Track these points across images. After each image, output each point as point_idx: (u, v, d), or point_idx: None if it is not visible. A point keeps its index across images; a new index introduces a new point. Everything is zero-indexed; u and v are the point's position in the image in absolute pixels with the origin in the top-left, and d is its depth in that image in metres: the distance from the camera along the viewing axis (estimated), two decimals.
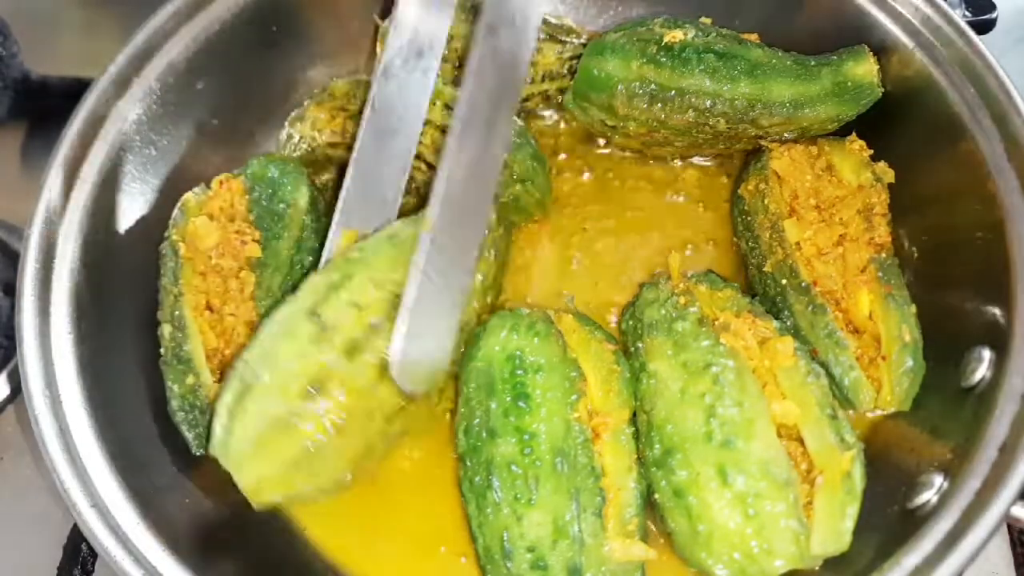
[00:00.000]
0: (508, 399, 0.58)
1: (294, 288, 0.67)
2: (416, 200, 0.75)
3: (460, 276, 0.59)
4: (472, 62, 0.55)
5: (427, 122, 0.69)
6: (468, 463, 0.60)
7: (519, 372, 0.59)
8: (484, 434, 0.59)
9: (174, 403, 0.64)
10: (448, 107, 0.70)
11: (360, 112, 0.72)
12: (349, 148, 0.74)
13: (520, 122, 0.72)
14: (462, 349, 0.64)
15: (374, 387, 0.56)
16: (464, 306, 0.60)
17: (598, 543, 0.56)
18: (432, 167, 0.70)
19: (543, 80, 0.77)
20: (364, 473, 0.61)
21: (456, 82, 0.71)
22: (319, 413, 0.54)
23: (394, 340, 0.55)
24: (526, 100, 0.79)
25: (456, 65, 0.73)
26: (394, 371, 0.55)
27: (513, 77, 0.59)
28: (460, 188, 0.56)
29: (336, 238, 0.65)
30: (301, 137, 0.76)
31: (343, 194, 0.65)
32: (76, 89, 0.65)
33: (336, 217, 0.65)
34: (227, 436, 0.55)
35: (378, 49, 0.79)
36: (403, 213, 0.68)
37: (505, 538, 0.56)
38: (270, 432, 0.54)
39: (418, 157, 0.71)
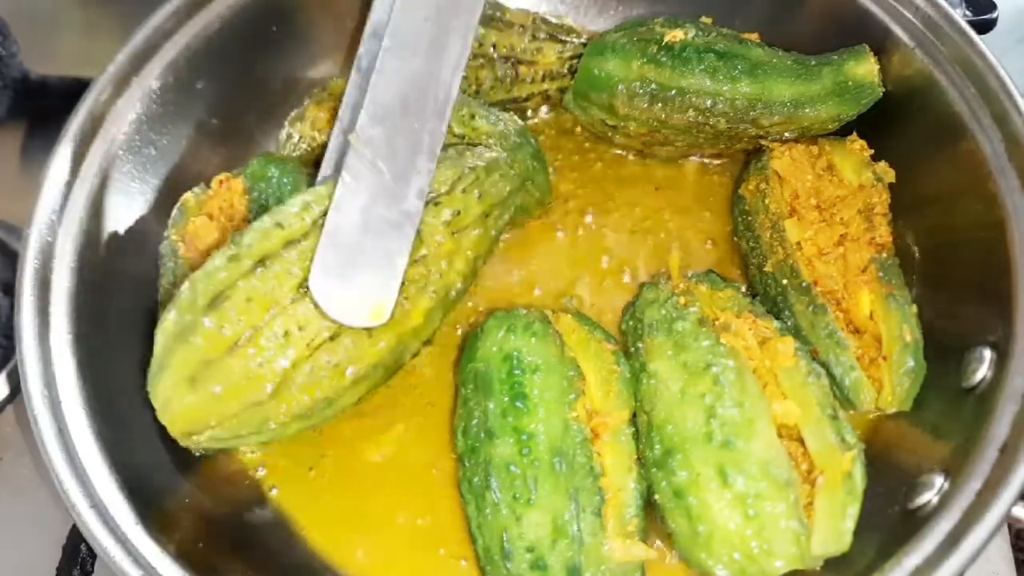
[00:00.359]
0: (506, 399, 0.58)
1: None
2: None
3: (397, 197, 0.56)
4: None
5: None
6: (467, 464, 0.60)
7: (516, 372, 0.59)
8: (482, 435, 0.59)
9: None
10: None
11: None
12: None
13: (520, 122, 0.72)
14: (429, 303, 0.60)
15: (287, 306, 0.54)
16: (411, 239, 0.56)
17: (597, 542, 0.56)
18: None
19: (543, 80, 0.77)
20: (319, 423, 0.58)
21: None
22: (219, 328, 0.53)
23: (315, 260, 0.53)
24: (526, 100, 0.79)
25: None
26: (314, 291, 0.53)
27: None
28: (394, 104, 0.55)
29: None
30: (301, 137, 0.76)
31: (326, 160, 0.63)
32: (75, 89, 0.65)
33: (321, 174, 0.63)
34: (153, 367, 0.54)
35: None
36: None
37: (504, 538, 0.56)
38: (171, 345, 0.53)
39: None
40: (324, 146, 0.74)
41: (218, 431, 0.55)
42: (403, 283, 0.57)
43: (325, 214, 0.55)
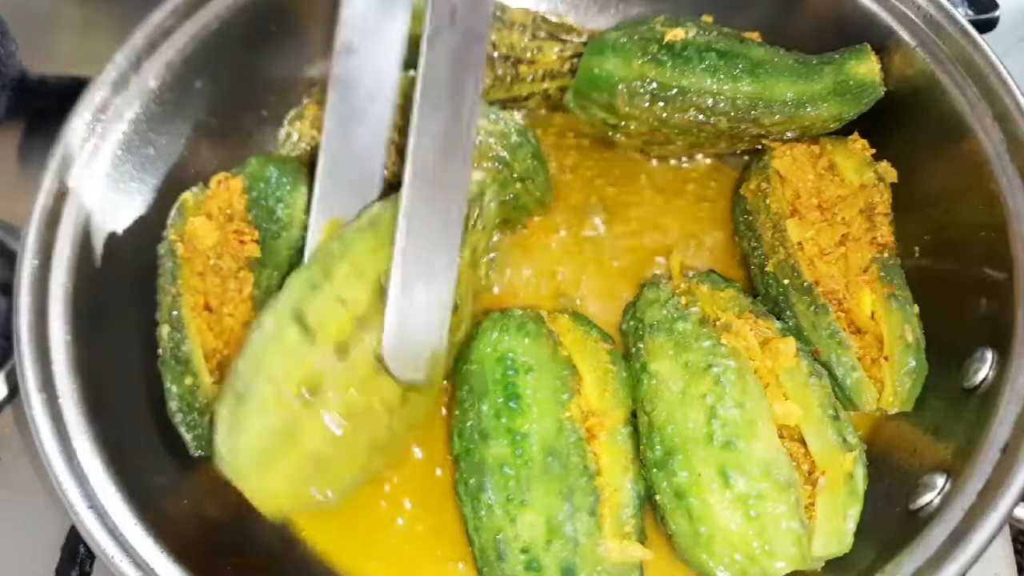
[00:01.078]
0: (499, 400, 0.58)
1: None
2: None
3: (444, 252, 0.57)
4: (428, 28, 0.54)
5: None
6: (462, 465, 0.60)
7: (510, 373, 0.59)
8: (476, 436, 0.58)
9: (172, 404, 0.63)
10: None
11: None
12: None
13: (520, 120, 0.72)
14: (459, 335, 0.62)
15: (370, 382, 0.55)
16: (454, 283, 0.58)
17: (593, 543, 0.56)
18: None
19: (543, 79, 0.77)
20: (374, 474, 0.60)
21: None
22: (318, 417, 0.54)
23: (385, 331, 0.54)
24: (526, 99, 0.78)
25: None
26: (389, 362, 0.54)
27: (474, 39, 0.57)
28: (431, 162, 0.55)
29: (318, 229, 0.62)
30: (300, 136, 0.75)
31: (317, 184, 0.63)
32: (74, 88, 0.64)
33: (314, 207, 0.62)
34: (229, 450, 0.54)
35: None
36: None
37: (499, 540, 0.56)
38: (272, 442, 0.53)
39: None
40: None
41: (313, 503, 0.56)
42: None
43: (380, 280, 0.55)
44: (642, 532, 0.59)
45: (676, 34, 0.70)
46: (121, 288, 0.65)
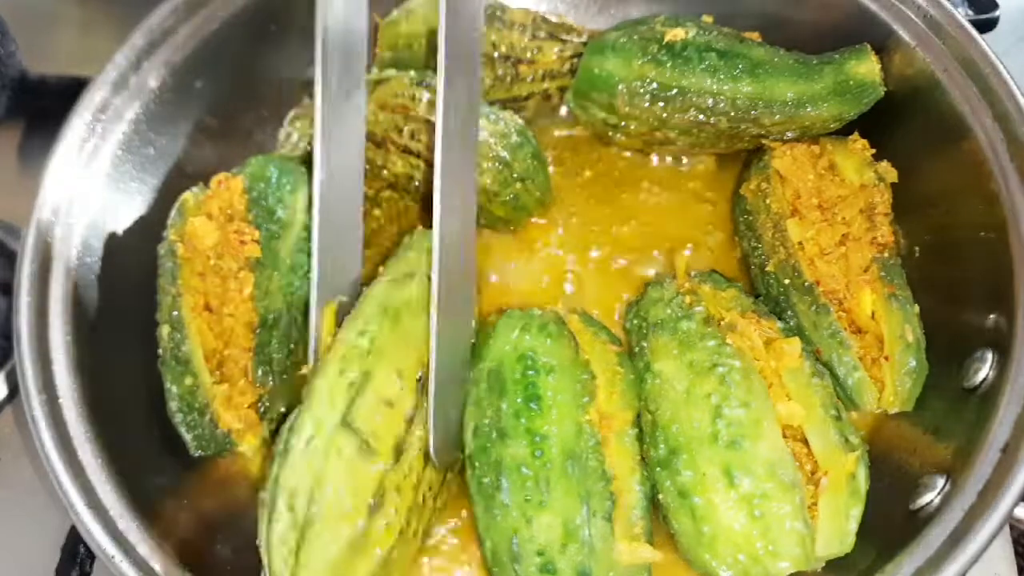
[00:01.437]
0: (519, 400, 0.58)
1: (292, 293, 0.67)
2: (416, 201, 0.75)
3: (465, 335, 0.62)
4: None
5: (416, 119, 0.70)
6: (476, 464, 0.59)
7: (531, 373, 0.59)
8: (494, 435, 0.58)
9: (173, 404, 0.63)
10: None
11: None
12: None
13: (520, 120, 0.72)
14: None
15: (421, 475, 0.57)
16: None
17: (607, 547, 0.56)
18: (431, 165, 0.70)
19: (543, 79, 0.77)
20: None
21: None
22: (384, 523, 0.54)
23: (431, 429, 0.57)
24: (526, 99, 0.78)
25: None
26: (436, 457, 0.57)
27: (470, 113, 0.62)
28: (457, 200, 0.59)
29: (318, 319, 0.63)
30: (300, 136, 0.75)
31: (315, 274, 0.63)
32: (74, 88, 0.64)
33: (314, 296, 0.63)
34: (296, 571, 0.52)
35: (376, 49, 0.79)
36: (392, 215, 0.70)
37: (514, 541, 0.56)
38: (344, 557, 0.53)
39: (417, 155, 0.71)
40: None
41: None
42: None
43: (418, 376, 0.58)
44: (650, 533, 0.58)
45: (676, 34, 0.70)
46: (121, 288, 0.65)
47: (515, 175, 0.70)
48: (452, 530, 0.64)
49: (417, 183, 0.72)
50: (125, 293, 0.65)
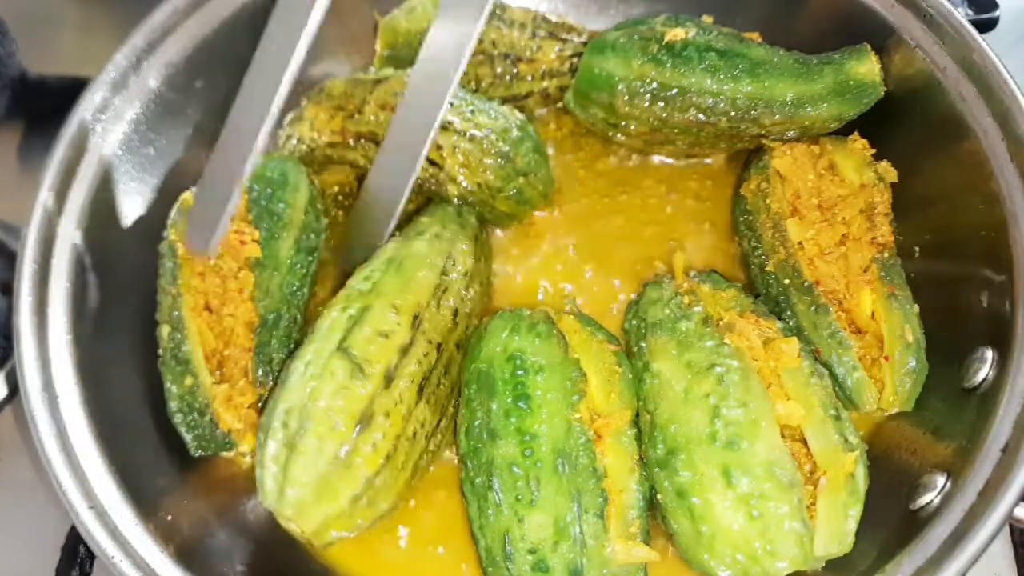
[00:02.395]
0: (509, 400, 0.58)
1: (293, 296, 0.67)
2: (420, 198, 0.76)
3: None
4: None
5: None
6: (469, 464, 0.59)
7: (519, 373, 0.59)
8: (485, 435, 0.58)
9: (173, 404, 0.63)
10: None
11: (358, 111, 0.72)
12: (349, 147, 0.73)
13: (521, 115, 0.72)
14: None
15: (412, 408, 0.58)
16: None
17: (600, 544, 0.56)
18: (433, 163, 0.70)
19: (543, 78, 0.77)
20: (411, 493, 0.62)
21: None
22: (371, 445, 0.56)
23: None
24: (526, 97, 0.78)
25: None
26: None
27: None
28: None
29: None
30: (300, 138, 0.75)
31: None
32: (74, 88, 0.64)
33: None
34: (283, 486, 0.55)
35: (377, 47, 0.79)
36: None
37: (506, 540, 0.56)
38: (330, 472, 0.55)
39: None
40: (324, 147, 0.74)
41: (362, 526, 0.58)
42: None
43: (414, 312, 0.61)
44: (647, 533, 0.59)
45: (676, 34, 0.70)
46: (121, 288, 0.65)
47: (517, 170, 0.70)
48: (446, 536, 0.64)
49: (419, 180, 0.72)
50: (125, 293, 0.65)
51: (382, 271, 0.63)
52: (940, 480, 0.57)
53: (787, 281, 0.66)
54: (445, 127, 0.69)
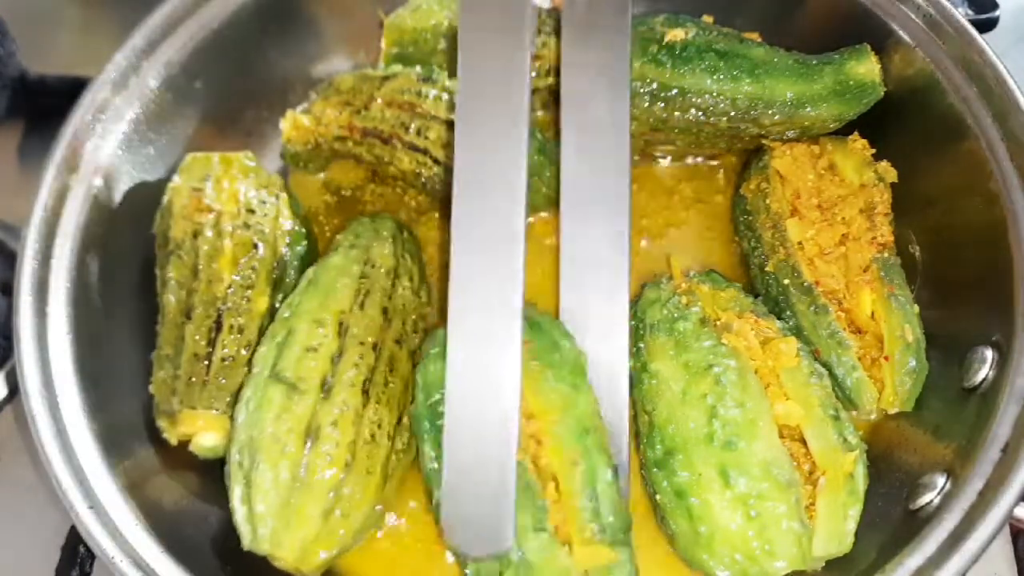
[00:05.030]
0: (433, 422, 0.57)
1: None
2: (427, 197, 0.76)
3: None
4: None
5: (431, 116, 0.70)
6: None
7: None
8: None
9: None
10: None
11: (365, 107, 0.72)
12: (356, 142, 0.73)
13: None
14: None
15: (362, 412, 0.57)
16: None
17: (550, 556, 0.52)
18: (438, 162, 0.70)
19: (548, 74, 0.77)
20: (391, 499, 0.61)
21: None
22: (326, 457, 0.55)
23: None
24: (532, 93, 0.78)
25: None
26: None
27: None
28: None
29: None
30: (308, 132, 0.75)
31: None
32: (74, 88, 0.64)
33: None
34: (255, 525, 0.55)
35: (382, 44, 0.79)
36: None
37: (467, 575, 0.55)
38: (291, 495, 0.54)
39: (424, 152, 0.71)
40: (331, 140, 0.74)
41: (346, 540, 0.57)
42: None
43: (338, 320, 0.61)
44: (615, 528, 0.54)
45: (676, 34, 0.70)
46: (121, 288, 0.65)
47: None
48: None
49: (424, 179, 0.72)
50: (125, 293, 0.65)
51: (301, 294, 0.62)
52: (940, 480, 0.57)
53: (787, 281, 0.66)
54: (450, 125, 0.69)
